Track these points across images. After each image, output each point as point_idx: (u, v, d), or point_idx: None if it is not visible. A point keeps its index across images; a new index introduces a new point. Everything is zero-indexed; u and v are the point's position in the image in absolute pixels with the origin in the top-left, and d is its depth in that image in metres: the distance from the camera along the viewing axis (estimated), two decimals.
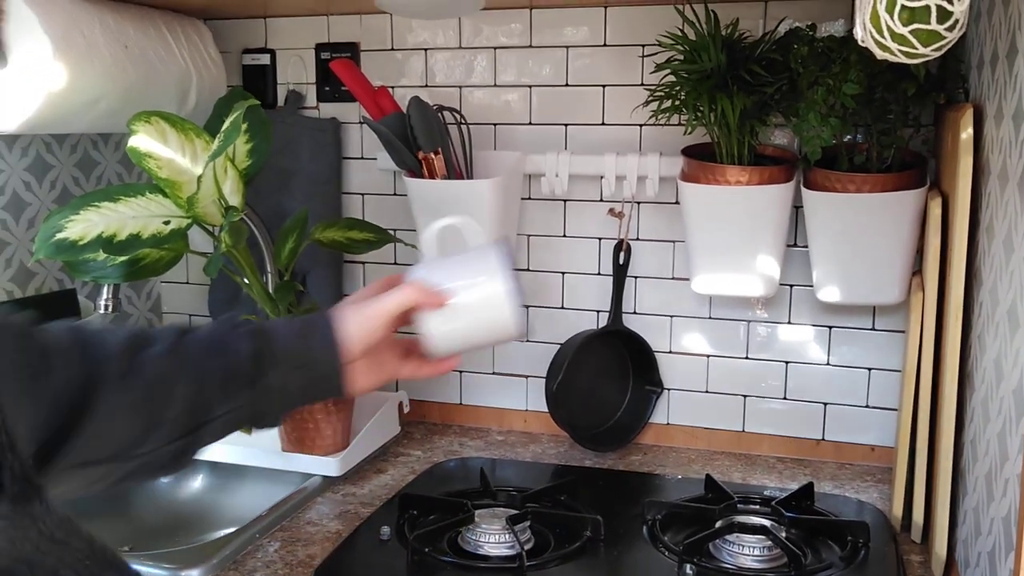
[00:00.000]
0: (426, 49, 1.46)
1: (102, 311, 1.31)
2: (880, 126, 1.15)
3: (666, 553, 1.08)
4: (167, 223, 1.12)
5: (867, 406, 1.36)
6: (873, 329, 1.34)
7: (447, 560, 1.06)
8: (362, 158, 1.52)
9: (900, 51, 0.74)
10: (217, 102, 1.24)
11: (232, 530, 1.16)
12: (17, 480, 0.48)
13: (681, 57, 1.22)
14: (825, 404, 1.38)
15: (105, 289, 1.29)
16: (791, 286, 1.36)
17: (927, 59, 0.76)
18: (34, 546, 0.47)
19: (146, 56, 1.29)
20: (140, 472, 0.76)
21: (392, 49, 1.48)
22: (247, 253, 1.21)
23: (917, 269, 1.20)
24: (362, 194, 1.53)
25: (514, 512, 1.12)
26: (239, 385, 0.78)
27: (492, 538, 1.08)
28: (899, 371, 1.31)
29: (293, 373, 0.80)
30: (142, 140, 1.11)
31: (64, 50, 1.14)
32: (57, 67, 1.13)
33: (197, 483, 1.42)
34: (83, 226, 1.07)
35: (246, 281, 1.23)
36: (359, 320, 0.84)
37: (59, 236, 1.06)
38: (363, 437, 1.34)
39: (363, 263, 1.55)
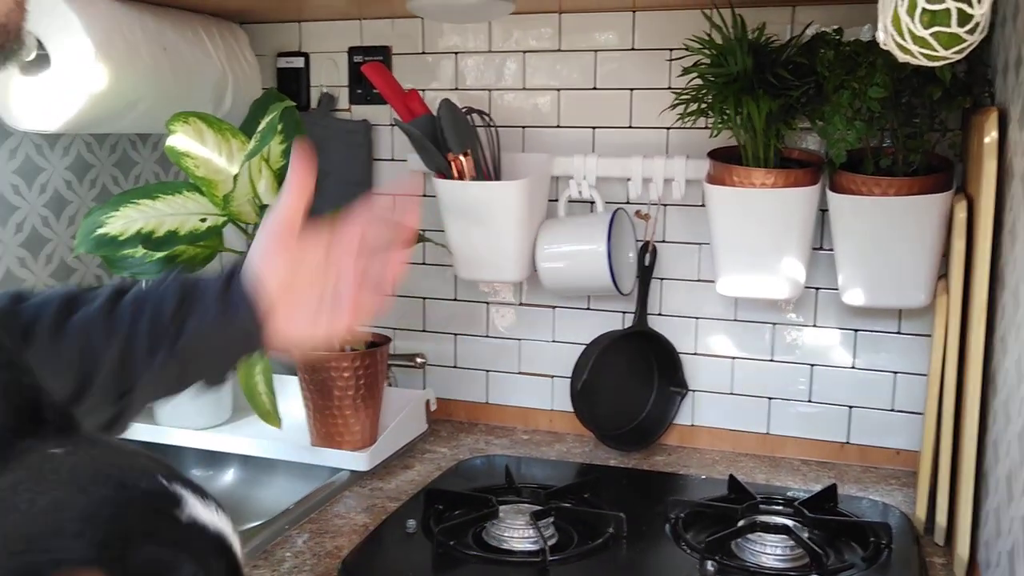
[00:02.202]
0: (456, 53, 1.49)
1: None
2: (906, 130, 1.16)
3: (688, 551, 1.09)
4: (203, 220, 1.15)
5: (892, 409, 1.36)
6: (899, 333, 1.34)
7: (471, 553, 1.08)
8: (393, 160, 1.54)
9: (921, 54, 0.75)
10: (253, 103, 1.27)
11: (262, 522, 1.19)
12: (58, 413, 0.49)
13: (708, 61, 1.23)
14: (850, 407, 1.38)
15: (142, 284, 1.33)
16: (817, 289, 1.36)
17: (948, 62, 0.77)
18: (112, 460, 0.48)
19: (184, 58, 1.32)
20: None
21: (423, 53, 1.50)
22: None
23: (943, 273, 1.20)
24: (392, 195, 1.55)
25: (538, 508, 1.14)
26: (161, 345, 0.73)
27: (516, 533, 1.10)
28: (925, 375, 1.31)
29: (211, 328, 0.73)
30: (180, 140, 1.14)
31: (106, 52, 1.18)
32: (99, 69, 1.17)
33: (228, 476, 1.46)
34: (123, 222, 1.10)
35: None
36: (276, 263, 0.75)
37: (99, 231, 1.09)
38: (390, 433, 1.36)
39: None
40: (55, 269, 1.38)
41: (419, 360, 1.55)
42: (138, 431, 1.41)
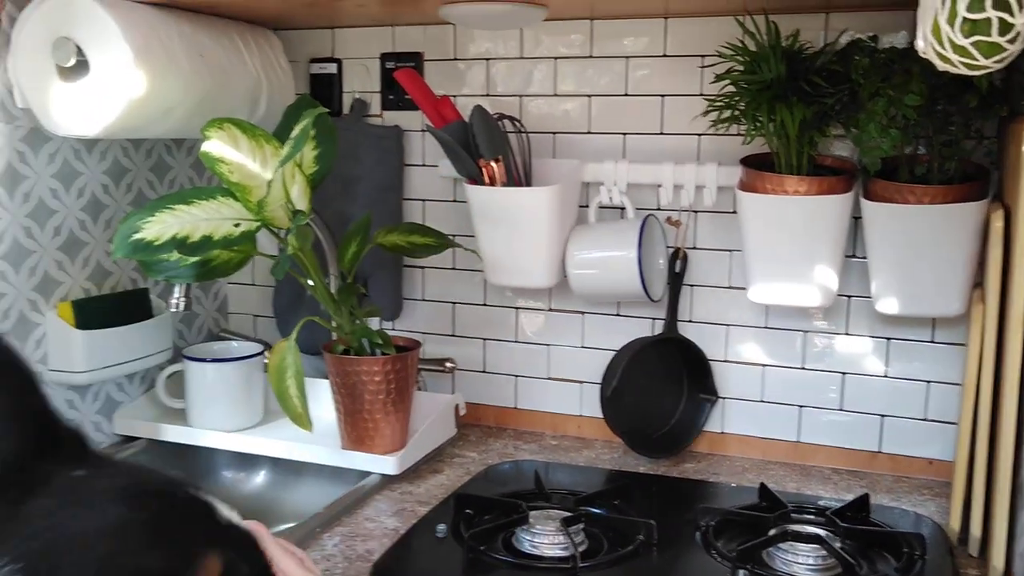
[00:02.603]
0: (488, 59, 1.49)
1: (173, 309, 1.36)
2: (941, 137, 1.15)
3: (719, 559, 1.08)
4: (237, 225, 1.16)
5: (925, 419, 1.35)
6: (932, 341, 1.33)
7: (502, 559, 1.08)
8: (423, 165, 1.55)
9: (961, 63, 0.75)
10: (286, 109, 1.28)
11: (293, 524, 1.20)
12: (72, 437, 0.50)
13: (741, 68, 1.23)
14: (883, 416, 1.37)
15: (177, 288, 1.35)
16: (849, 297, 1.36)
17: (988, 71, 0.76)
18: (137, 478, 0.49)
19: (220, 65, 1.34)
20: None
21: (455, 59, 1.51)
22: (312, 256, 1.24)
23: (978, 281, 1.19)
24: (423, 200, 1.56)
25: (568, 514, 1.14)
26: None
27: (546, 539, 1.10)
28: (959, 384, 1.30)
29: None
30: (215, 145, 1.15)
31: (144, 59, 1.19)
32: (137, 75, 1.19)
33: (259, 479, 1.47)
34: (159, 227, 1.11)
35: (310, 283, 1.26)
36: None
37: (136, 236, 1.11)
38: (420, 438, 1.37)
39: (422, 267, 1.58)
40: (92, 272, 1.40)
41: (448, 365, 1.55)
42: (171, 433, 1.43)
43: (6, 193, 1.26)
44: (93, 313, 1.36)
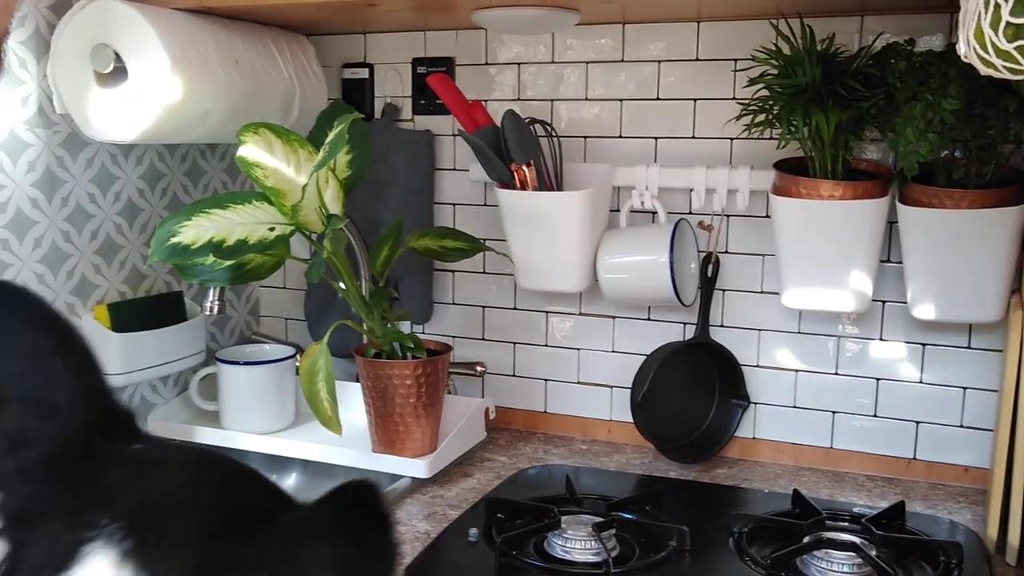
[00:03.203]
0: (519, 63, 1.49)
1: (207, 312, 1.37)
2: (979, 142, 1.14)
3: (752, 566, 1.08)
4: (272, 230, 1.17)
5: (961, 426, 1.33)
6: (969, 347, 1.32)
7: (533, 564, 1.08)
8: (455, 169, 1.56)
9: (1005, 67, 0.74)
10: (320, 114, 1.29)
11: None
12: (126, 415, 0.53)
13: (775, 72, 1.22)
14: (917, 423, 1.36)
15: (211, 292, 1.36)
16: (884, 302, 1.34)
17: None
18: (191, 452, 0.49)
19: (255, 70, 1.35)
20: None
21: (486, 64, 1.51)
22: (345, 260, 1.25)
23: (1016, 287, 1.17)
24: (454, 204, 1.57)
25: (600, 519, 1.14)
26: None
27: (578, 544, 1.10)
28: (995, 391, 1.28)
29: None
30: (250, 150, 1.16)
31: (181, 65, 1.21)
32: (174, 81, 1.20)
33: (290, 480, 1.48)
34: (195, 231, 1.13)
35: (343, 286, 1.27)
36: None
37: (173, 241, 1.12)
38: (451, 441, 1.37)
39: (453, 271, 1.59)
40: (127, 275, 1.42)
41: (479, 368, 1.55)
42: (204, 435, 1.44)
43: (45, 198, 1.28)
44: (128, 316, 1.37)
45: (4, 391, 0.49)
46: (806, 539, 1.10)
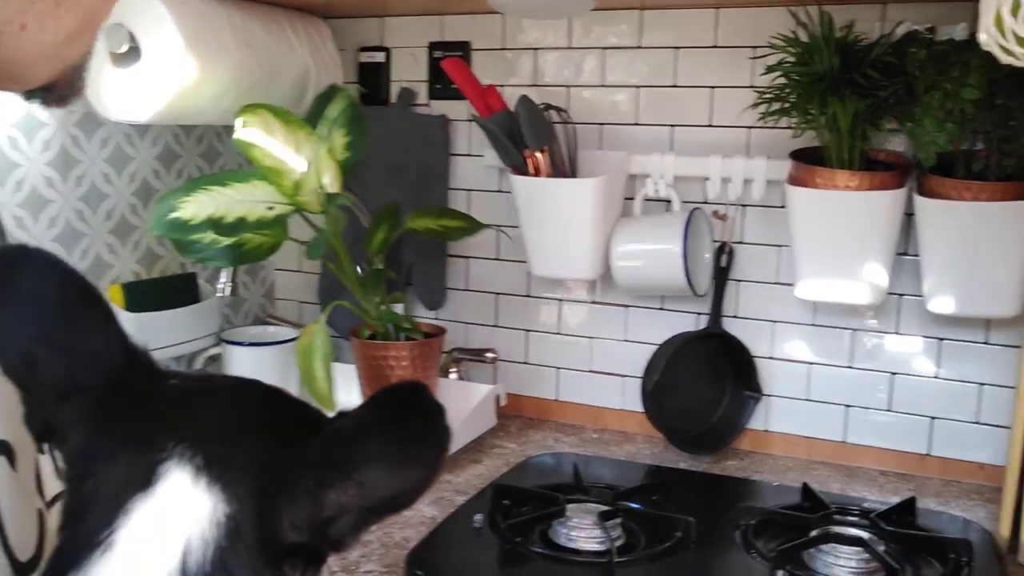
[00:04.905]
0: (536, 48, 1.48)
1: (219, 294, 1.37)
2: (1001, 133, 1.11)
3: (758, 559, 1.07)
4: (271, 209, 1.17)
5: (977, 422, 1.31)
6: (987, 343, 1.29)
7: (538, 551, 1.08)
8: (469, 155, 1.55)
9: None
10: (317, 97, 1.28)
11: None
12: (147, 355, 0.56)
13: (793, 59, 1.20)
14: (933, 418, 1.34)
15: (224, 273, 1.36)
16: (900, 295, 1.32)
17: None
18: (219, 379, 0.52)
19: (270, 53, 1.35)
20: None
21: (503, 48, 1.50)
22: (342, 241, 1.25)
23: None
24: (468, 190, 1.56)
25: (606, 508, 1.13)
26: None
27: (583, 533, 1.09)
28: (1013, 387, 1.26)
29: None
30: (249, 131, 1.16)
31: (195, 47, 1.20)
32: (188, 62, 1.20)
33: None
34: (194, 207, 1.13)
35: (333, 267, 1.27)
36: None
37: (172, 216, 1.12)
38: (460, 428, 1.37)
39: (466, 257, 1.58)
40: (141, 256, 1.43)
41: (490, 355, 1.55)
42: None
43: (60, 177, 1.29)
44: (142, 296, 1.38)
45: (40, 348, 0.52)
46: (813, 533, 1.09)
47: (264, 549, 0.47)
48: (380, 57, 1.58)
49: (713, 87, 1.39)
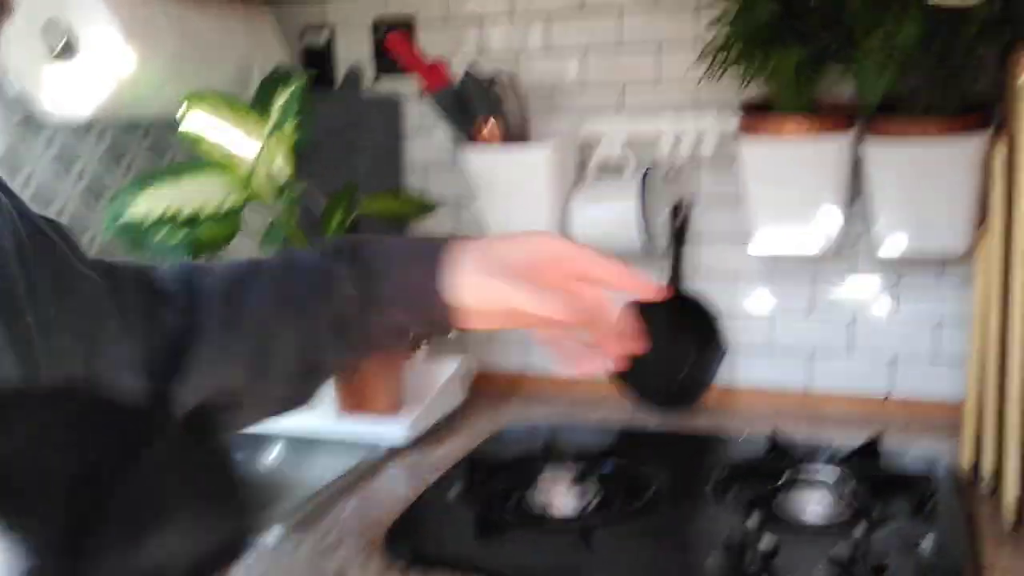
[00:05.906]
0: (480, 16, 1.47)
1: None
2: (941, 71, 1.12)
3: (730, 509, 1.08)
4: (224, 200, 1.16)
5: (937, 361, 1.33)
6: (941, 280, 1.31)
7: (514, 519, 1.08)
8: (422, 130, 1.54)
9: None
10: (261, 82, 1.27)
11: (306, 495, 1.20)
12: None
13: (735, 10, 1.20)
14: (894, 359, 1.36)
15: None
16: (855, 241, 1.34)
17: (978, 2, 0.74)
18: None
19: (208, 39, 1.33)
20: (250, 416, 0.75)
21: (447, 19, 1.49)
22: (298, 229, 1.24)
23: (983, 216, 1.16)
24: (425, 166, 1.55)
25: (579, 473, 1.14)
26: (345, 332, 0.72)
27: (558, 498, 1.10)
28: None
29: (398, 319, 0.72)
30: (195, 120, 1.14)
31: (132, 36, 1.19)
32: (127, 53, 1.18)
33: (271, 457, 1.47)
34: (147, 204, 1.12)
35: None
36: (479, 291, 0.70)
37: (126, 216, 1.11)
38: (430, 403, 1.37)
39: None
40: (97, 254, 1.40)
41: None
42: None
43: (7, 179, 1.26)
44: None
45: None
46: (782, 479, 1.10)
47: None
48: (324, 39, 1.56)
49: (660, 41, 1.38)
